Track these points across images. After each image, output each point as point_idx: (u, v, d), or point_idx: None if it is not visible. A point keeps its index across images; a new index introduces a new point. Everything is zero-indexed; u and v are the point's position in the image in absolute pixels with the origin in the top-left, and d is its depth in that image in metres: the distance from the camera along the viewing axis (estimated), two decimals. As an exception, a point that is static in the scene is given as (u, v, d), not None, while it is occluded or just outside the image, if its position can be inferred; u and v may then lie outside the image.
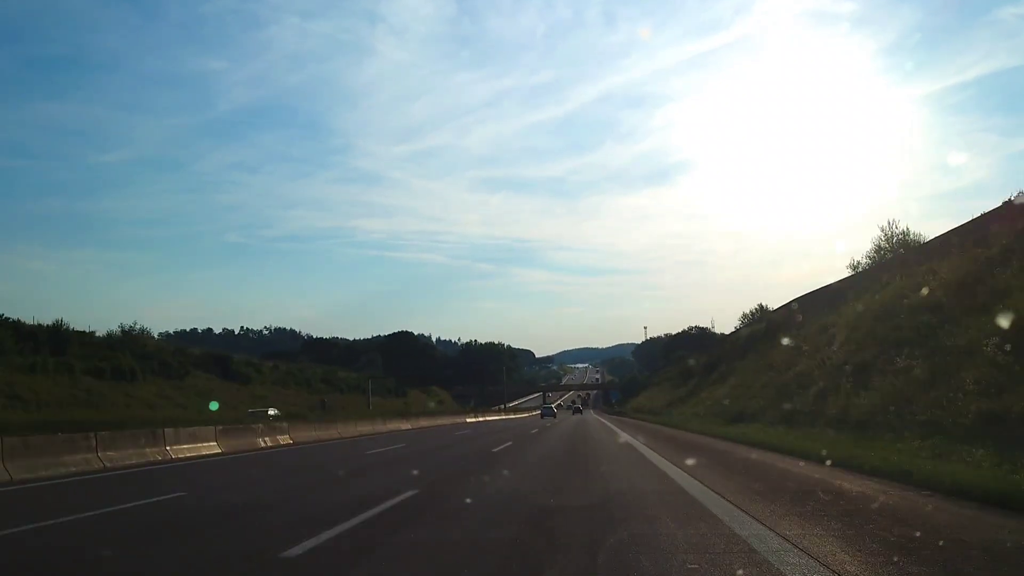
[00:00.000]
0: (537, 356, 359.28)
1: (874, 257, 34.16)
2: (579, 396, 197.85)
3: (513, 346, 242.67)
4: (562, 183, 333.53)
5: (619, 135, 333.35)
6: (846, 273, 35.70)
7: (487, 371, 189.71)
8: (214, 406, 34.28)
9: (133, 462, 16.64)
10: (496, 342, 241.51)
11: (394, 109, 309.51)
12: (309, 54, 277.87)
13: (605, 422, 57.45)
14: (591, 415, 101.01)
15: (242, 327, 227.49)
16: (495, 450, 21.07)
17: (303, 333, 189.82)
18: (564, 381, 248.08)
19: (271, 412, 40.42)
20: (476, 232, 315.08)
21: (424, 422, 49.14)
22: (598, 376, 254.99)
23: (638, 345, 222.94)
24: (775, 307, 56.54)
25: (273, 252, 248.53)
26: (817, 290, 40.51)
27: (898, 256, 30.30)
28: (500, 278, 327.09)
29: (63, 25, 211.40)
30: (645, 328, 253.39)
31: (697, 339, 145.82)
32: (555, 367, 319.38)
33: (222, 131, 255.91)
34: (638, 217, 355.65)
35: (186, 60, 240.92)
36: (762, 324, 51.35)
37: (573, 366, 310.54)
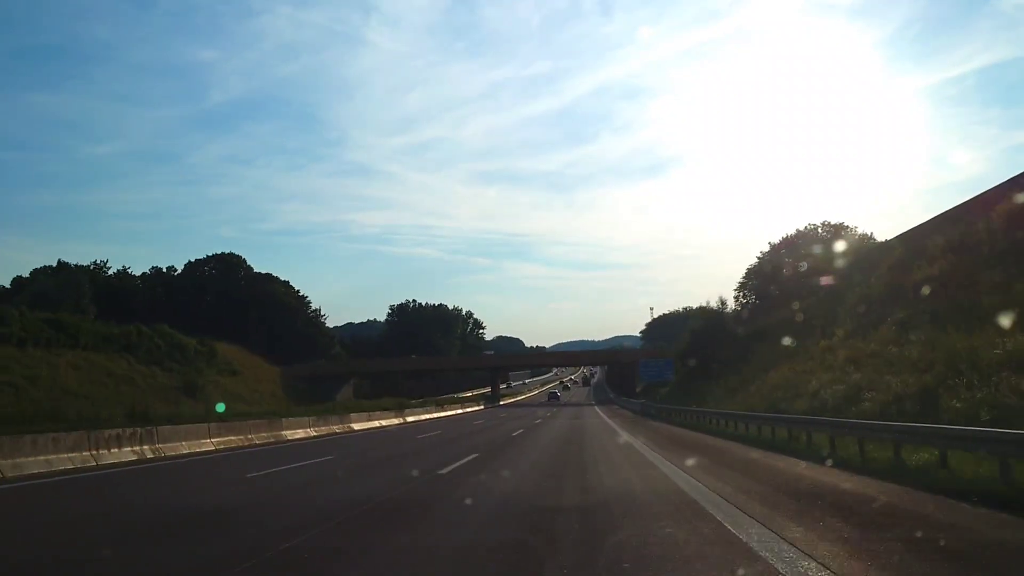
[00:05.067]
0: (527, 345, 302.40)
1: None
2: (588, 371, 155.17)
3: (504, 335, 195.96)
4: (558, 176, 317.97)
5: (616, 127, 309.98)
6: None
7: (428, 344, 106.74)
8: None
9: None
10: (453, 307, 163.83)
11: (389, 101, 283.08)
12: (302, 45, 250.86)
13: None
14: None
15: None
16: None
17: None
18: (556, 370, 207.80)
19: None
20: (472, 226, 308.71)
21: None
22: (594, 368, 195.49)
23: (648, 324, 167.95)
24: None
25: (267, 246, 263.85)
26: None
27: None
28: (496, 272, 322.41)
29: (53, 14, 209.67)
30: (651, 309, 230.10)
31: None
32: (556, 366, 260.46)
33: (215, 123, 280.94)
34: (635, 210, 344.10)
35: (178, 50, 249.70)
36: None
37: None
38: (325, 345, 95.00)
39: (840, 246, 63.28)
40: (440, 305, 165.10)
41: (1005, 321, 16.09)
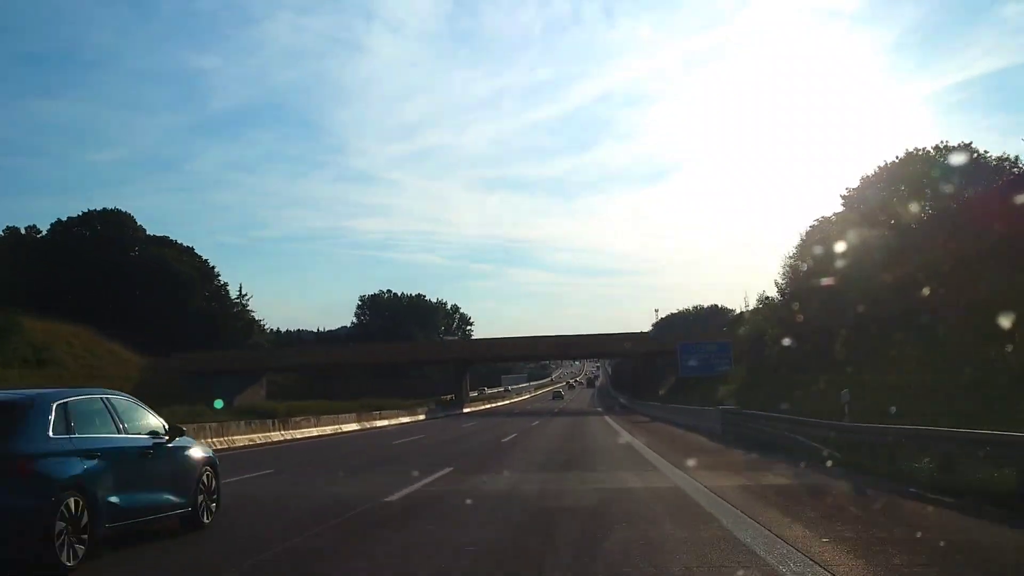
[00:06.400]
0: None
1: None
2: (592, 372, 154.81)
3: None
4: (561, 183, 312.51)
5: (618, 134, 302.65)
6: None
7: (404, 340, 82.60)
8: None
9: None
10: (437, 300, 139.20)
11: (391, 107, 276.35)
12: (304, 51, 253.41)
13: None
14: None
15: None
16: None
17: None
18: (555, 375, 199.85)
19: None
20: (474, 232, 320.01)
21: None
22: (597, 371, 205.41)
23: (654, 325, 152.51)
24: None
25: (269, 253, 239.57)
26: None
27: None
28: (498, 279, 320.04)
29: (54, 21, 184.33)
30: (656, 310, 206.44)
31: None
32: (546, 360, 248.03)
33: (216, 129, 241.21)
34: (638, 216, 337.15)
35: (179, 57, 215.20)
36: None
37: (570, 363, 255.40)
38: (239, 332, 71.30)
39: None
40: (418, 295, 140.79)
41: None
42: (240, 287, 79.50)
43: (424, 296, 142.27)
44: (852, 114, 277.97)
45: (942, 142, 46.36)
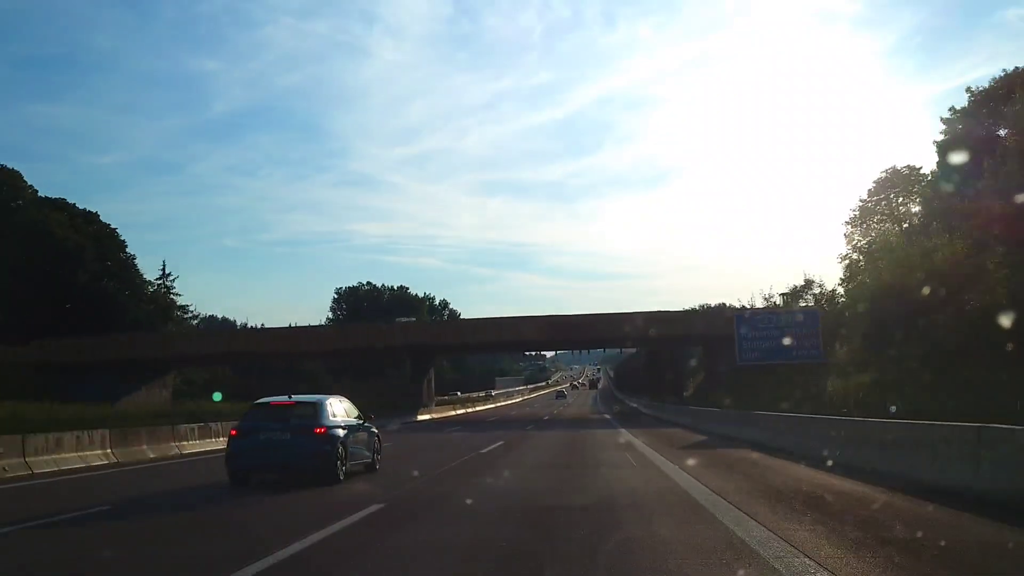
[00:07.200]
0: (523, 354, 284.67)
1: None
2: (593, 374, 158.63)
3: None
4: (561, 187, 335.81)
5: (618, 138, 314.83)
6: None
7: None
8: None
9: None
10: (424, 294, 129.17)
11: (391, 111, 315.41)
12: (305, 55, 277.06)
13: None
14: None
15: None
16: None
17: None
18: (553, 379, 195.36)
19: None
20: (474, 236, 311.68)
21: None
22: (598, 373, 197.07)
23: None
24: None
25: (271, 256, 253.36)
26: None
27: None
28: (498, 282, 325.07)
29: (56, 25, 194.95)
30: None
31: None
32: (544, 363, 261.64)
33: (218, 133, 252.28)
34: (637, 221, 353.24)
35: (180, 61, 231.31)
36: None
37: (569, 366, 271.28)
38: (152, 318, 56.51)
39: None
40: (401, 288, 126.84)
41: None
42: (163, 265, 65.28)
43: (408, 289, 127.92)
44: (852, 116, 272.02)
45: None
